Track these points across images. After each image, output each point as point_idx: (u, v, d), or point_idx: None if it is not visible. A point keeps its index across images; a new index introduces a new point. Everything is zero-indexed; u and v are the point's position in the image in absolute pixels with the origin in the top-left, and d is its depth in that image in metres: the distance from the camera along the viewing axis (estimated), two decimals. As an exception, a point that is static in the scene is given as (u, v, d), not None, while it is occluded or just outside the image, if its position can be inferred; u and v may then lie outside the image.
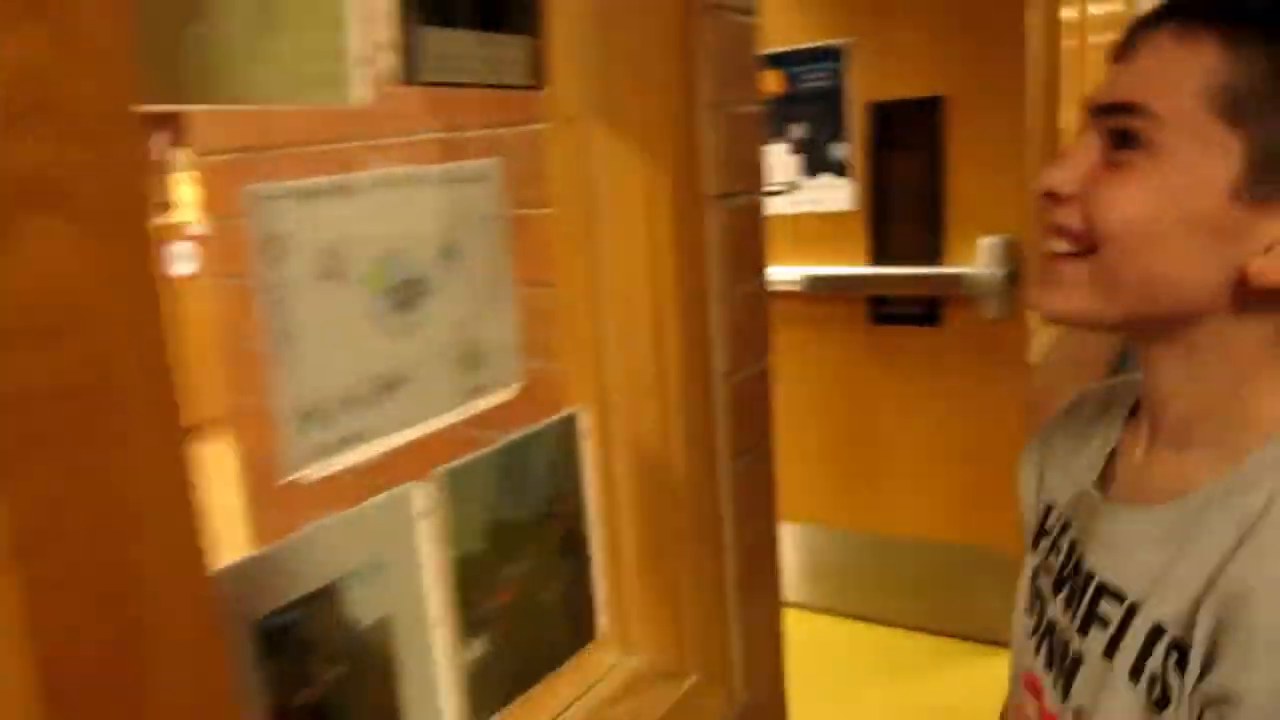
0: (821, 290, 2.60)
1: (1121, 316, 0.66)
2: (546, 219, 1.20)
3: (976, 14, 2.31)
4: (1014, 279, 2.35)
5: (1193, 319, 0.64)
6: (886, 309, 2.56)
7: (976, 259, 2.38)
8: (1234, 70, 0.58)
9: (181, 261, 4.95)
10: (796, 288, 2.61)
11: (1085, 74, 4.10)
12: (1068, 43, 3.53)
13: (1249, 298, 0.61)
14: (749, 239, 1.22)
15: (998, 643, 2.63)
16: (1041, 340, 2.91)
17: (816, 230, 2.63)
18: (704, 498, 1.22)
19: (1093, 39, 4.25)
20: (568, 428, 1.16)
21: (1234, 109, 0.59)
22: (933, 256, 2.47)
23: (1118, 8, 4.72)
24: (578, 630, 1.22)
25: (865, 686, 2.61)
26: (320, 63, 0.81)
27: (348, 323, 0.89)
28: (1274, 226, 0.59)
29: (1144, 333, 0.68)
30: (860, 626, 2.84)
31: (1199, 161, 0.60)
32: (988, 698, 2.59)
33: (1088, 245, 0.65)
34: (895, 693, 2.57)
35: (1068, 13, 3.53)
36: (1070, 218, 0.66)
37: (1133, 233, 0.62)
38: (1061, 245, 0.67)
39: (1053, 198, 0.67)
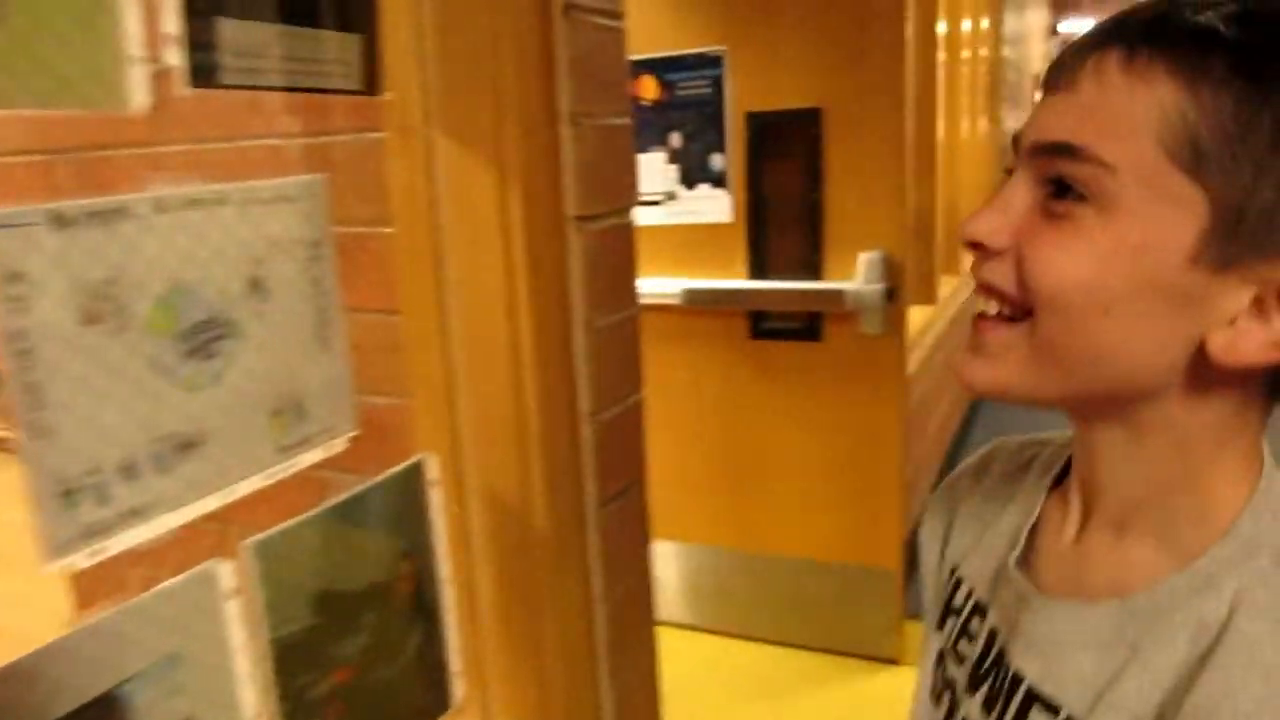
0: (700, 304, 2.52)
1: (1059, 393, 0.56)
2: (388, 239, 1.06)
3: (854, 26, 2.27)
4: (893, 294, 2.32)
5: (1141, 397, 0.54)
6: (766, 324, 2.50)
7: (856, 274, 2.33)
8: (1196, 110, 0.48)
9: None
10: (674, 301, 2.52)
11: (957, 87, 4.17)
12: (939, 55, 3.56)
13: (1207, 375, 0.52)
14: (617, 264, 1.10)
15: (880, 659, 2.60)
16: (919, 356, 2.91)
17: (695, 242, 2.55)
18: (570, 549, 1.10)
19: (964, 53, 4.34)
20: (413, 477, 1.02)
21: (1196, 157, 0.48)
22: (812, 271, 2.42)
23: (985, 22, 4.83)
24: (431, 702, 1.08)
25: (746, 706, 2.55)
26: (78, 61, 0.66)
27: (126, 376, 0.73)
28: (1240, 295, 0.50)
29: (1083, 410, 0.59)
30: (741, 645, 2.78)
31: (1155, 219, 0.50)
32: (870, 715, 2.58)
33: (1022, 309, 0.55)
34: (777, 712, 2.51)
35: (940, 26, 3.56)
36: (1000, 276, 0.55)
37: (1076, 299, 0.51)
38: (991, 307, 0.56)
39: (980, 249, 0.56)
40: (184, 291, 0.76)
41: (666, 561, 2.77)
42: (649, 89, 2.52)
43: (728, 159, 2.45)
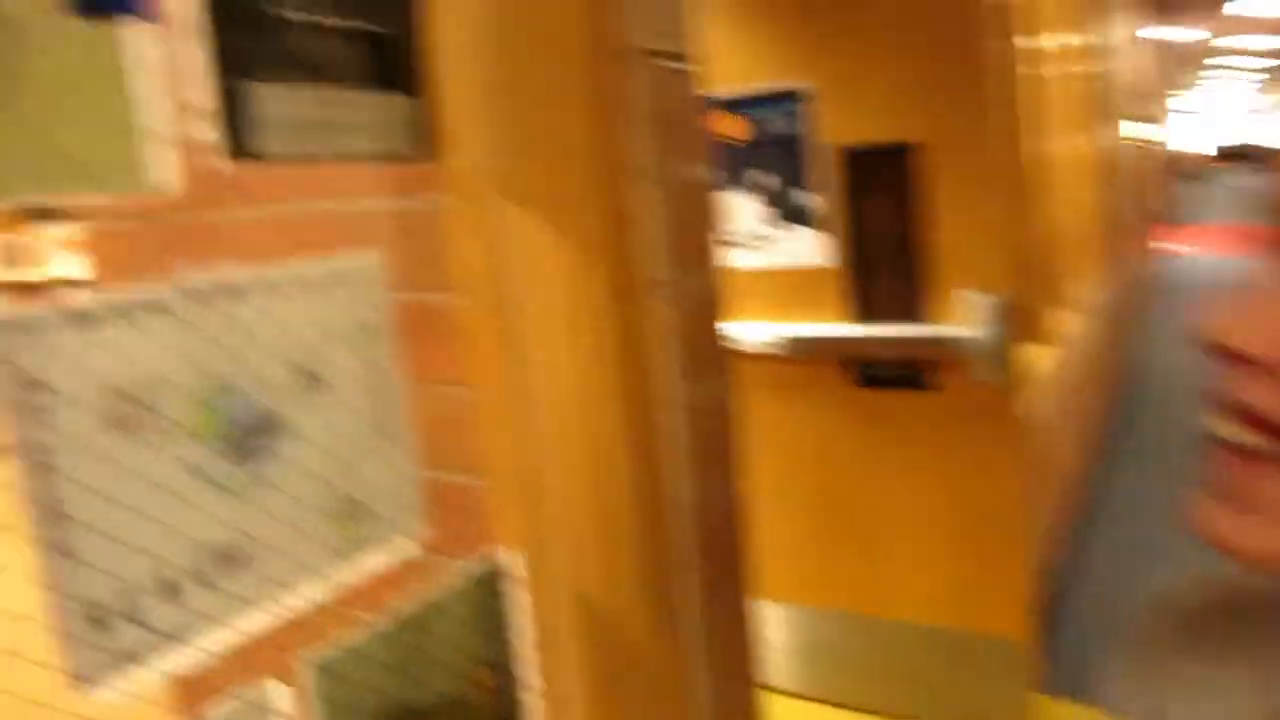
0: (798, 351, 2.39)
1: None
2: (456, 307, 0.98)
3: (949, 54, 2.14)
4: (1005, 340, 2.15)
5: None
6: (869, 371, 2.35)
7: (963, 317, 2.18)
8: None
9: None
10: (770, 349, 2.40)
11: (1055, 107, 3.96)
12: (1037, 75, 3.38)
13: None
14: (703, 331, 0.99)
15: (1003, 734, 2.39)
16: (1033, 400, 2.71)
17: (789, 285, 2.43)
18: (669, 656, 0.98)
19: (1060, 70, 4.13)
20: (492, 575, 0.93)
21: None
22: (917, 314, 2.27)
23: (1078, 37, 4.62)
24: (517, 818, 0.98)
25: (861, 781, 2.37)
26: (93, 141, 0.59)
27: (162, 485, 0.66)
28: None
29: None
30: (852, 716, 2.60)
31: None
32: (996, 796, 2.36)
33: None
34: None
35: (1025, 43, 3.39)
36: (1272, 398, 0.38)
37: None
38: (1257, 440, 0.39)
39: (1236, 360, 0.39)
40: (226, 389, 0.69)
41: (770, 623, 2.62)
42: (734, 127, 2.43)
43: (820, 197, 2.33)
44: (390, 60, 0.78)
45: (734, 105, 2.42)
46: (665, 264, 0.92)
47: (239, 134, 0.68)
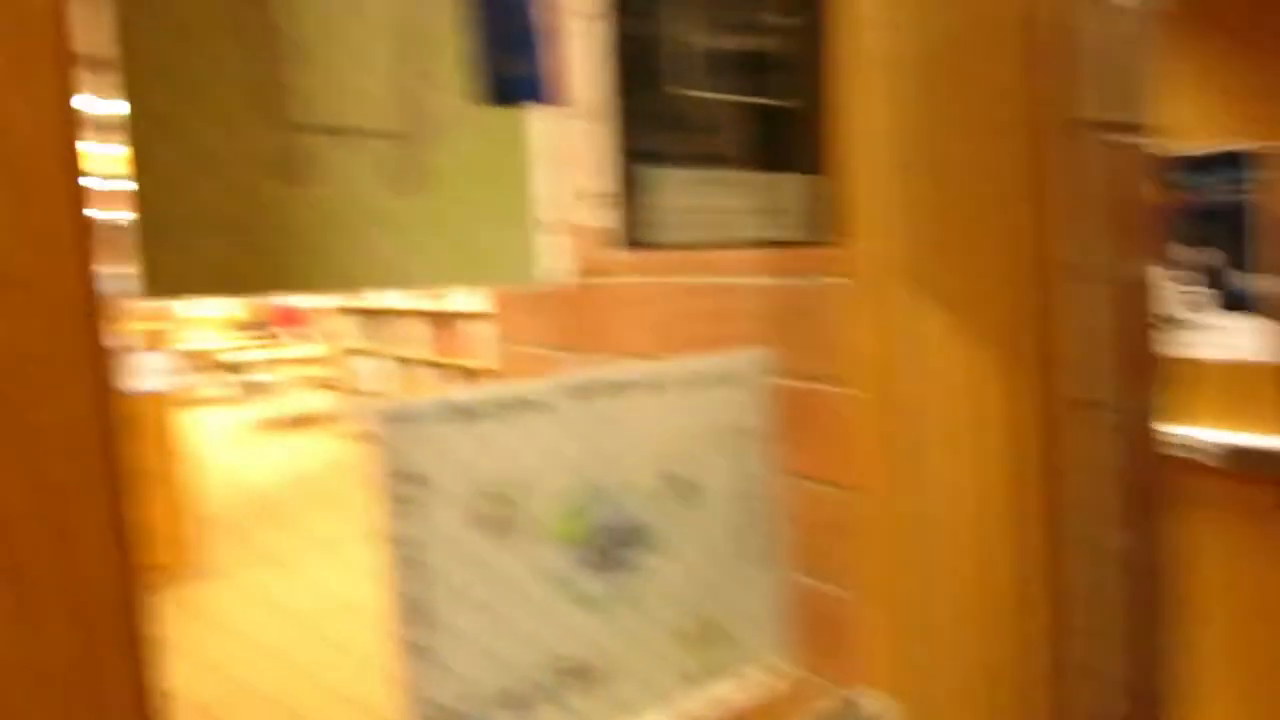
0: (1241, 467, 1.99)
1: None
2: (843, 400, 0.87)
3: None
4: None
5: None
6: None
7: None
8: None
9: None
10: (1204, 459, 2.02)
11: None
12: None
13: None
14: (1142, 464, 0.80)
15: None
16: None
17: (1228, 384, 2.04)
18: None
19: None
20: None
21: None
22: None
23: None
24: None
25: None
26: (492, 230, 0.57)
27: (521, 591, 0.62)
28: None
29: None
30: None
31: None
32: None
33: None
34: None
35: None
36: None
37: None
38: None
39: None
40: (597, 494, 0.64)
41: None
42: (1166, 195, 2.11)
43: (1275, 280, 1.94)
44: (796, 138, 0.70)
45: (1167, 169, 2.11)
46: (1101, 380, 0.75)
47: (636, 221, 0.63)
